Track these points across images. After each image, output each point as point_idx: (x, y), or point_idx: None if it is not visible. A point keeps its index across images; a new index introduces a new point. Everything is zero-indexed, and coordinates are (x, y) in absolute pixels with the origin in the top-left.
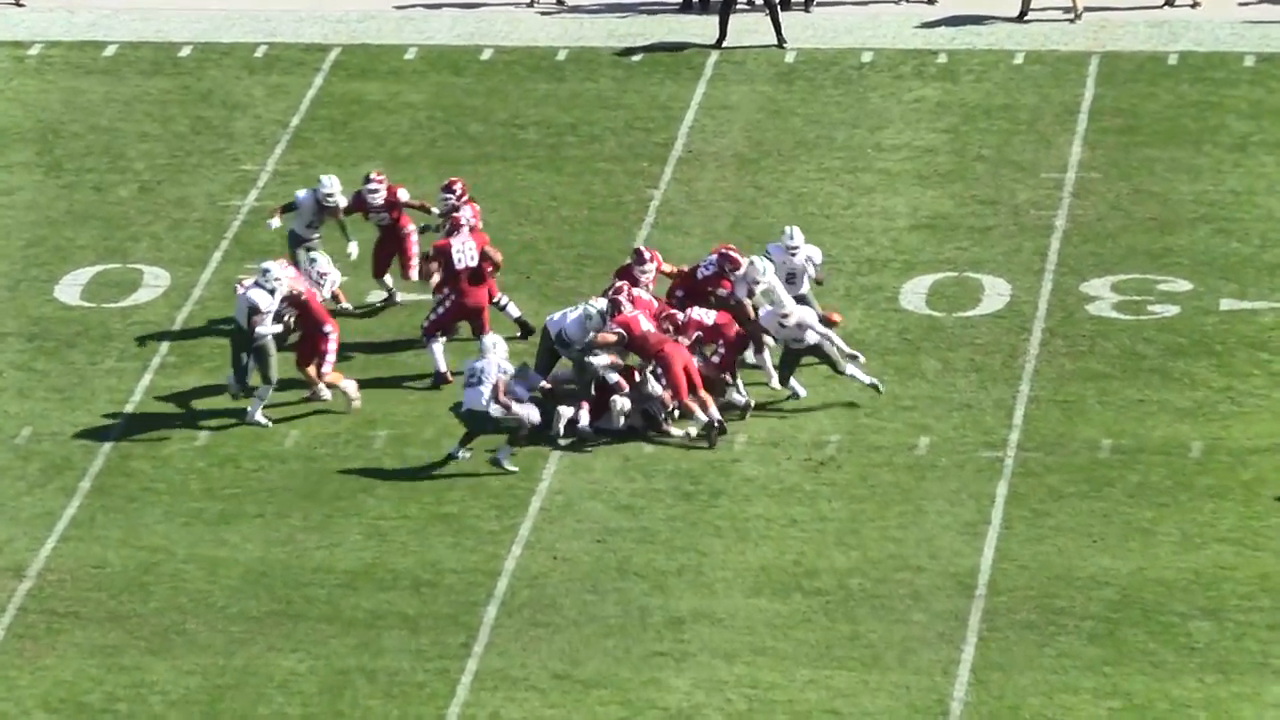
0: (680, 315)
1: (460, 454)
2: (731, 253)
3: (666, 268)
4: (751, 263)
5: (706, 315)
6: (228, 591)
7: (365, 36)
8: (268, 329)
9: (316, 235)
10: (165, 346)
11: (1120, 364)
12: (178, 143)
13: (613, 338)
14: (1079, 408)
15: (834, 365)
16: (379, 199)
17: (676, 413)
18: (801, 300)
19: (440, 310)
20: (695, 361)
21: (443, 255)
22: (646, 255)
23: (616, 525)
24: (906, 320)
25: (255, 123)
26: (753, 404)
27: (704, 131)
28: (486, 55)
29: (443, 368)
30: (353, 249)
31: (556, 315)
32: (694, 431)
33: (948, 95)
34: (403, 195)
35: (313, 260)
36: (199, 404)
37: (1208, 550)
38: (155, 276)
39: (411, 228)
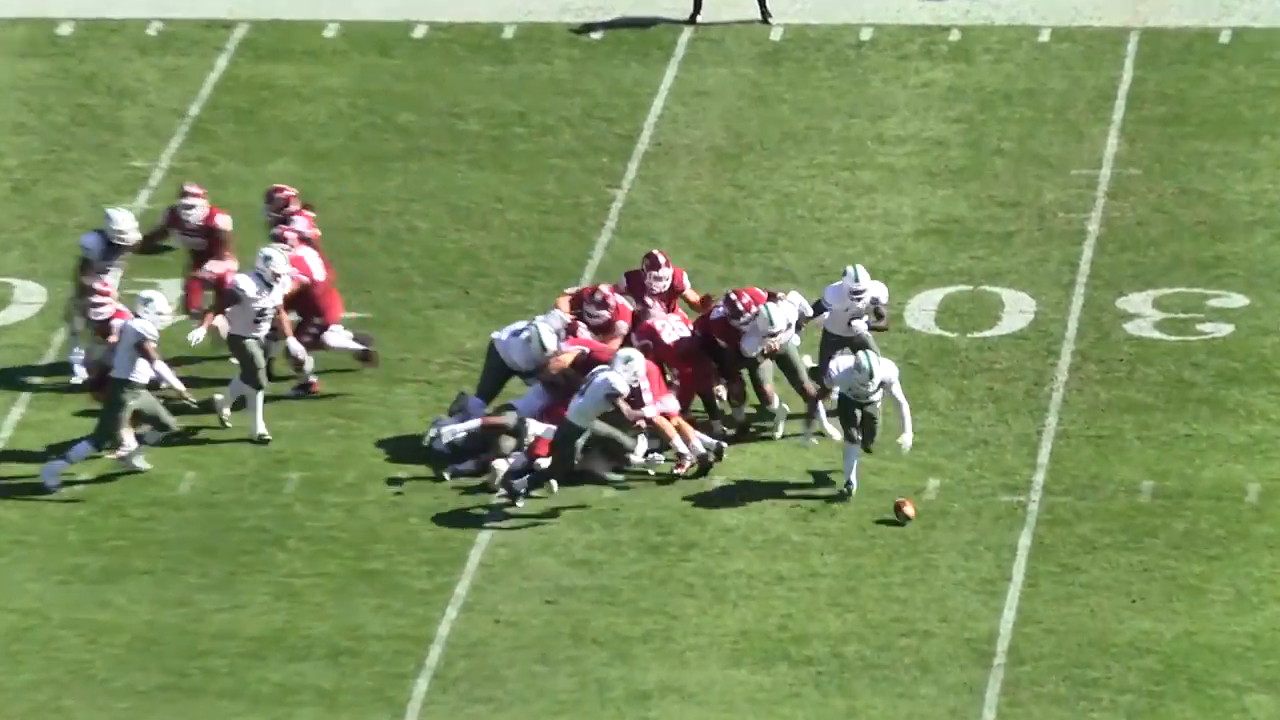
0: (656, 318)
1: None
2: (736, 298)
3: (691, 294)
4: (758, 312)
5: (671, 329)
6: (112, 662)
7: (277, 11)
8: (164, 370)
9: (109, 280)
10: (39, 374)
11: (1164, 393)
12: (56, 136)
13: (568, 360)
14: (1115, 444)
15: (868, 443)
16: (195, 216)
17: (644, 448)
18: (860, 344)
19: (312, 336)
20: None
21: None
22: (661, 260)
23: (570, 583)
24: (913, 342)
25: (147, 112)
26: (725, 445)
27: (675, 122)
28: (419, 33)
29: (312, 380)
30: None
31: (505, 333)
32: (658, 458)
33: (961, 79)
34: (223, 222)
35: (267, 258)
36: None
37: (1266, 611)
38: (28, 292)
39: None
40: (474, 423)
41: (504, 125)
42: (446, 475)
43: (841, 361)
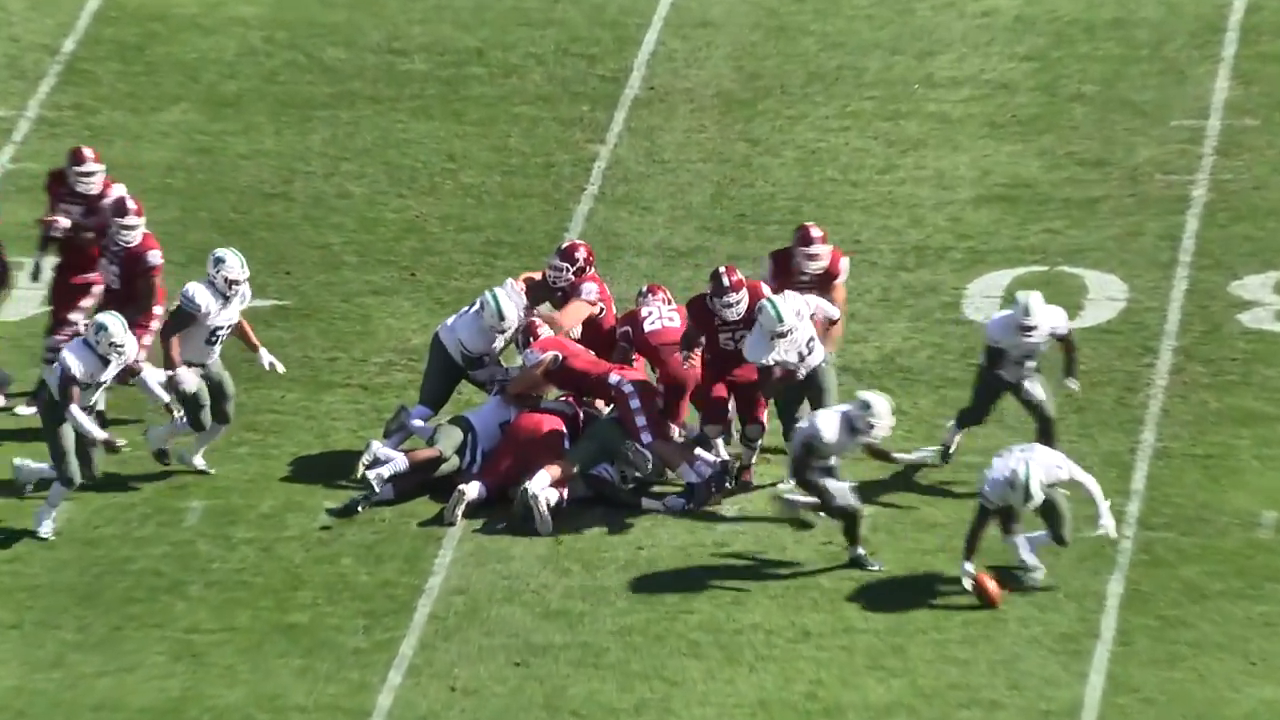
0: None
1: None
2: (724, 272)
3: (839, 288)
4: (761, 307)
5: (658, 318)
6: None
7: None
8: (79, 416)
9: None
10: None
11: None
12: None
13: (540, 373)
14: (1228, 465)
15: (1059, 532)
16: None
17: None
18: (1026, 389)
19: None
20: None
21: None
22: (815, 235)
23: (544, 640)
24: (973, 337)
25: (11, 49)
26: (733, 469)
27: (672, 60)
28: None
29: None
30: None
31: (450, 319)
32: (670, 502)
33: (1031, 5)
34: None
35: (219, 261)
36: None
37: None
38: None
39: None
40: (399, 462)
41: (457, 64)
42: (359, 507)
43: (997, 469)
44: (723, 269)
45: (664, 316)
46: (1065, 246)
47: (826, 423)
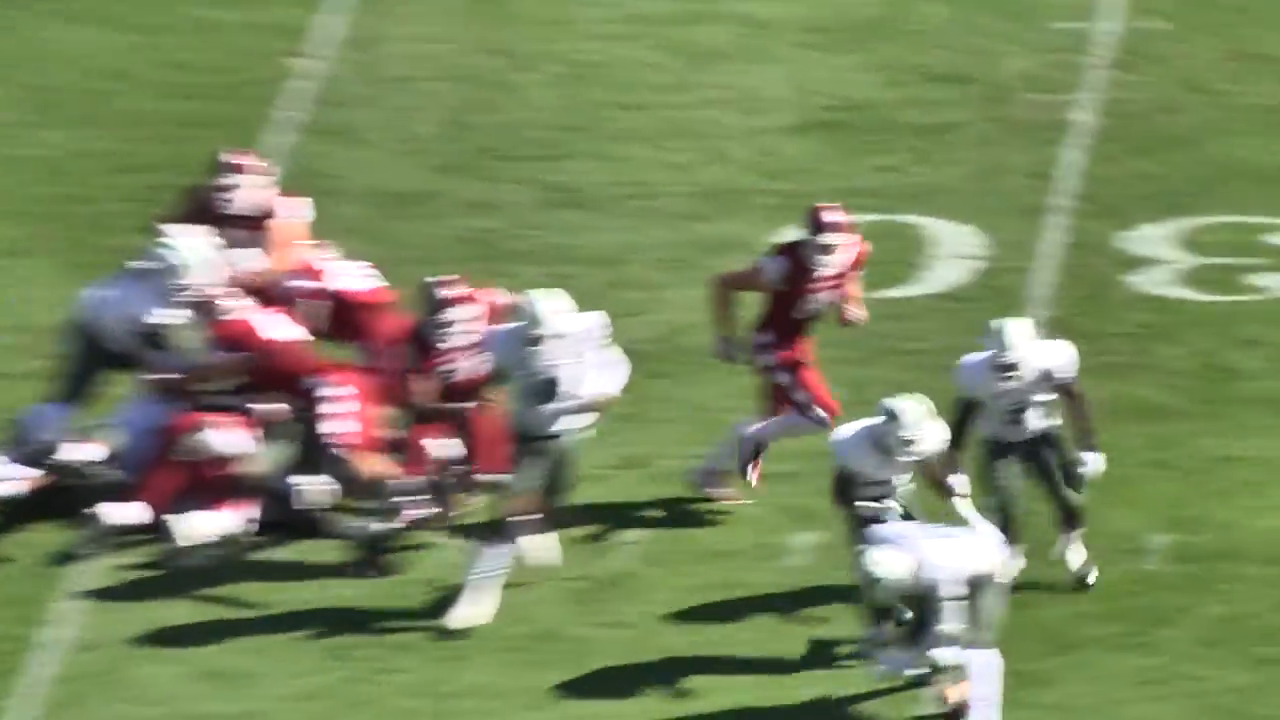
0: None
1: None
2: (438, 284)
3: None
4: (521, 306)
5: (358, 277)
6: None
7: None
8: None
9: None
10: None
11: (1199, 387)
12: None
13: (226, 368)
14: (1112, 472)
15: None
16: None
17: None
18: (1036, 454)
19: None
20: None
21: None
22: (830, 218)
23: (201, 709)
24: None
25: None
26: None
27: None
28: None
29: None
30: None
31: (103, 290)
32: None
33: None
34: None
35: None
36: None
37: None
38: None
39: None
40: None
41: None
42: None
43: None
44: (433, 279)
45: (350, 271)
46: (907, 188)
47: (852, 445)
